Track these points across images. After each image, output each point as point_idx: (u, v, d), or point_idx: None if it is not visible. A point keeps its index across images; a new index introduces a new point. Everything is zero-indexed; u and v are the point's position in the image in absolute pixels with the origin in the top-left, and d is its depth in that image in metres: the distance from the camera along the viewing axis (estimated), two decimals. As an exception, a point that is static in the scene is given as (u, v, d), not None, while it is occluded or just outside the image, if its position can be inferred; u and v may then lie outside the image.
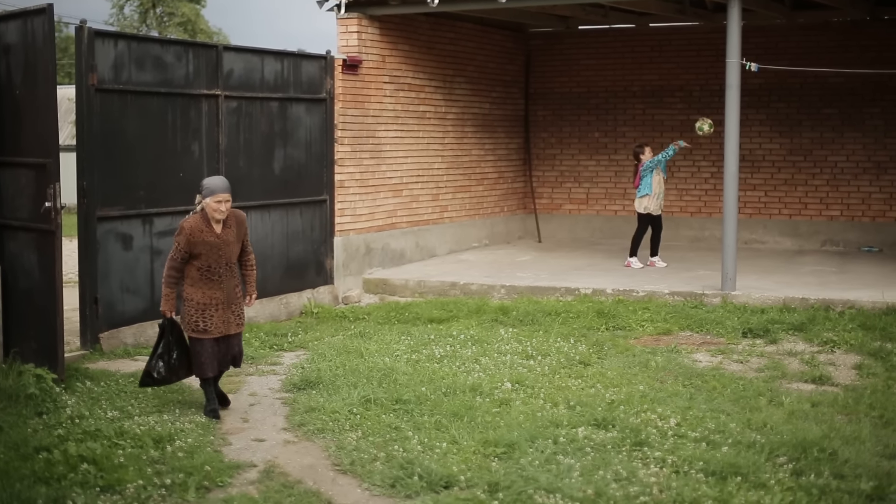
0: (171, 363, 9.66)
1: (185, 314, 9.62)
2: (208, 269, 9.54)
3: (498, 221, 21.71)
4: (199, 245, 9.46)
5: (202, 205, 9.52)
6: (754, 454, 8.33)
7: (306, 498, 7.50)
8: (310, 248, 15.54)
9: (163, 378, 9.72)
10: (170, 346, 9.66)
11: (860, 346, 12.43)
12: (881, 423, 9.35)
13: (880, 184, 20.63)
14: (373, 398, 9.88)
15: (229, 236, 9.62)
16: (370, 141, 17.18)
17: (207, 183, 9.59)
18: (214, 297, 9.58)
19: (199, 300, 9.54)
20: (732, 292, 15.05)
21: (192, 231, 9.45)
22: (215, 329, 9.59)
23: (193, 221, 9.50)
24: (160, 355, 9.65)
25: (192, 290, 9.57)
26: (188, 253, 9.48)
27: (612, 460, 8.24)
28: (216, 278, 9.57)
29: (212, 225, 9.52)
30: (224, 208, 9.49)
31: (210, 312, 9.56)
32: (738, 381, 10.80)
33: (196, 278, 9.55)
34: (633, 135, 22.13)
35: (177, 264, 9.52)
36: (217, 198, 9.46)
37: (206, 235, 9.47)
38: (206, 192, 9.50)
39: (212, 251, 9.51)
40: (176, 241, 9.52)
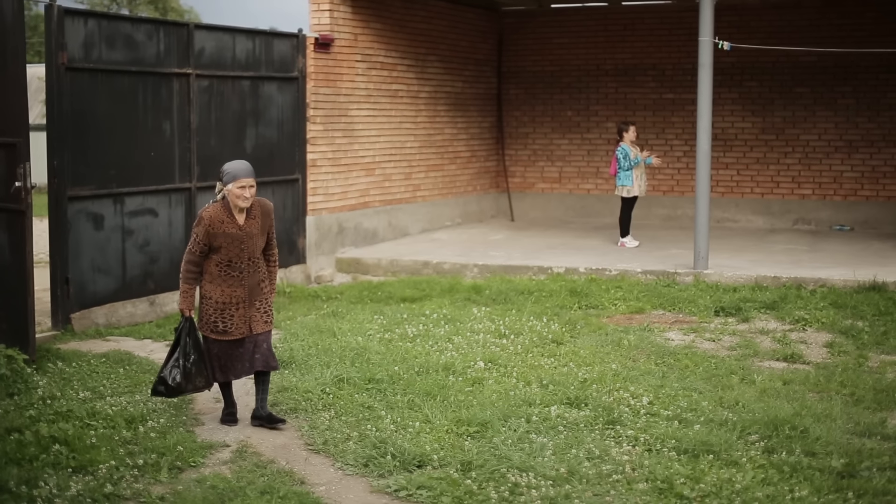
0: (187, 369, 8.56)
1: (203, 313, 8.64)
2: (229, 265, 8.57)
3: (471, 200, 21.70)
4: (220, 237, 8.50)
5: (223, 192, 8.55)
6: (726, 432, 8.35)
7: (279, 478, 7.49)
8: (282, 227, 15.50)
9: (177, 386, 8.57)
10: (187, 351, 8.57)
11: (831, 324, 12.48)
12: (852, 401, 9.40)
13: (852, 162, 20.70)
14: (346, 378, 9.87)
15: (253, 228, 8.63)
16: (342, 120, 17.13)
17: (229, 167, 8.57)
18: (235, 296, 8.60)
19: (219, 298, 8.58)
20: (705, 271, 15.08)
21: (211, 221, 8.47)
22: (236, 330, 8.62)
23: (213, 211, 8.51)
24: (176, 361, 8.57)
25: (211, 287, 8.59)
26: (207, 246, 8.52)
27: (584, 439, 8.26)
28: (237, 274, 8.59)
29: (234, 215, 8.54)
30: (248, 194, 8.49)
31: (230, 312, 8.59)
32: (710, 360, 10.83)
33: (215, 274, 8.58)
34: (606, 113, 22.14)
35: (195, 258, 8.55)
36: (240, 183, 8.46)
37: (227, 226, 8.51)
38: (228, 177, 8.48)
39: (233, 244, 8.54)
40: (194, 232, 8.54)
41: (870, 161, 20.57)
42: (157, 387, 8.65)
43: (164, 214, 13.35)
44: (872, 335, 11.91)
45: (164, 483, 7.42)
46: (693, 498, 7.08)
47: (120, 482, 7.35)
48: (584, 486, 7.31)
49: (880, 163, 20.50)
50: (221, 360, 8.71)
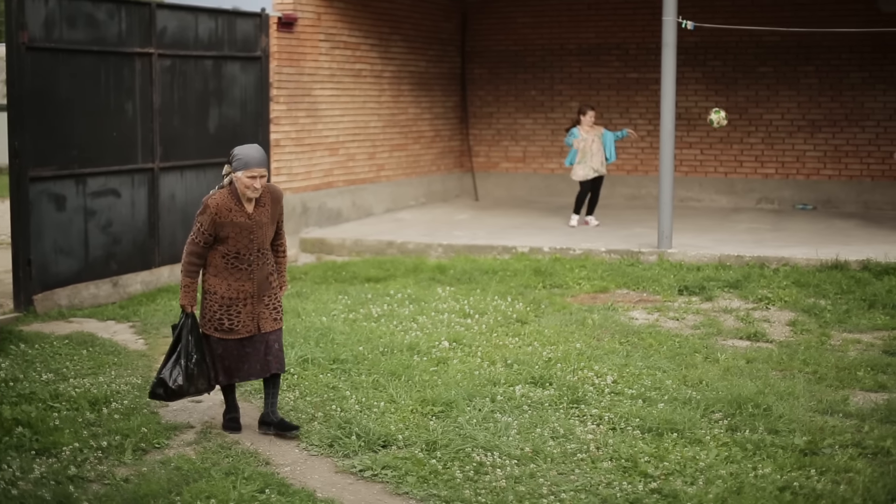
0: (189, 371, 7.92)
1: (207, 309, 7.97)
2: (236, 257, 7.89)
3: (435, 180, 21.68)
4: (227, 227, 7.82)
5: (231, 177, 7.89)
6: (690, 410, 8.39)
7: (244, 458, 7.48)
8: (246, 207, 15.44)
9: (179, 389, 7.92)
10: (189, 350, 7.94)
11: (794, 302, 12.55)
12: (815, 379, 9.45)
13: (815, 142, 20.79)
14: (310, 358, 9.86)
15: (263, 217, 7.95)
16: (306, 99, 17.08)
17: (240, 152, 7.84)
18: (242, 290, 7.93)
19: (224, 293, 7.90)
20: (668, 250, 15.13)
21: (218, 209, 7.78)
22: (243, 328, 7.95)
23: (220, 198, 7.82)
24: (176, 361, 7.94)
25: (216, 281, 7.91)
26: (212, 236, 7.83)
27: (549, 418, 8.28)
28: (245, 267, 7.91)
29: (242, 202, 7.86)
30: (259, 185, 7.78)
31: (237, 308, 7.92)
32: (674, 339, 10.87)
33: (221, 267, 7.89)
34: (570, 93, 22.15)
35: (199, 249, 7.87)
36: (251, 172, 7.76)
37: (235, 215, 7.82)
38: (239, 163, 7.78)
39: (241, 234, 7.86)
40: (198, 221, 7.84)
41: (832, 140, 20.66)
42: (156, 389, 7.97)
43: (126, 195, 13.28)
44: (835, 313, 11.97)
45: (129, 465, 7.39)
46: (657, 476, 7.11)
47: (84, 464, 7.32)
48: (549, 464, 7.33)
49: (843, 142, 20.60)
50: (226, 361, 8.02)
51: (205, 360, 8.00)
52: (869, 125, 20.40)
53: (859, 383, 9.35)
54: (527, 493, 6.82)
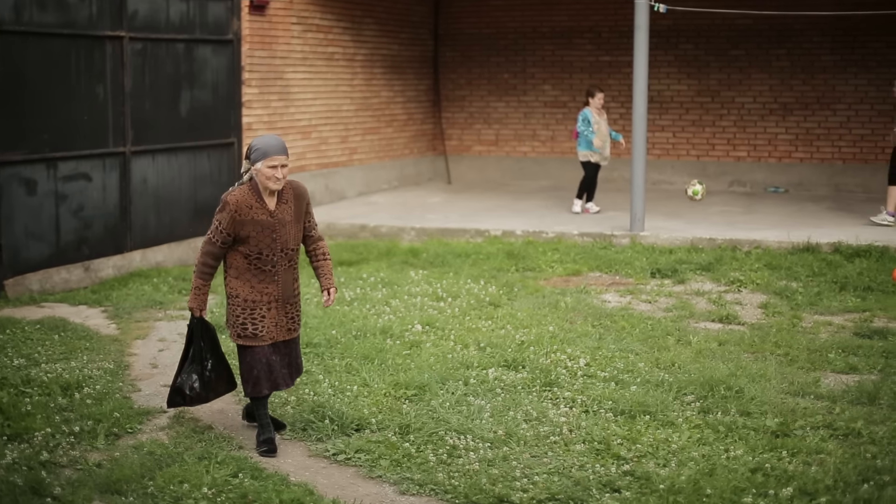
0: (205, 376, 7.60)
1: (230, 314, 7.47)
2: (259, 257, 7.37)
3: (407, 163, 21.67)
4: (248, 225, 7.30)
5: (251, 172, 7.40)
6: (662, 393, 8.42)
7: (217, 443, 7.47)
8: (218, 191, 15.38)
9: (197, 396, 7.60)
10: (202, 355, 7.58)
11: (766, 285, 12.60)
12: (786, 361, 9.49)
13: (786, 125, 20.85)
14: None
15: (285, 214, 7.44)
16: (278, 83, 17.03)
17: (258, 143, 7.37)
18: (267, 293, 7.42)
19: (247, 296, 7.38)
20: (641, 233, 15.16)
21: (238, 207, 7.28)
22: (267, 334, 7.42)
23: (240, 194, 7.33)
24: (191, 366, 7.57)
25: (238, 283, 7.41)
26: (231, 235, 7.32)
27: (522, 401, 8.29)
28: (269, 269, 7.40)
29: (263, 199, 7.36)
30: (281, 174, 7.30)
31: (261, 312, 7.40)
32: (646, 321, 10.89)
33: (243, 268, 7.40)
34: (543, 76, 22.15)
35: (216, 250, 7.37)
36: (272, 161, 7.28)
37: (256, 212, 7.33)
38: (257, 154, 7.31)
39: (263, 233, 7.35)
40: (216, 219, 7.35)
41: (804, 123, 20.73)
42: (174, 398, 7.60)
43: (98, 179, 13.22)
44: (806, 296, 12.03)
45: (101, 450, 7.37)
46: (630, 458, 7.13)
47: (56, 449, 7.30)
48: (522, 447, 7.35)
49: (814, 125, 20.67)
50: (255, 371, 7.43)
51: (221, 364, 7.65)
52: (840, 108, 20.47)
53: (830, 365, 9.40)
54: (500, 475, 6.83)
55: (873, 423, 7.84)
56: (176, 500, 6.42)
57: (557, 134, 22.12)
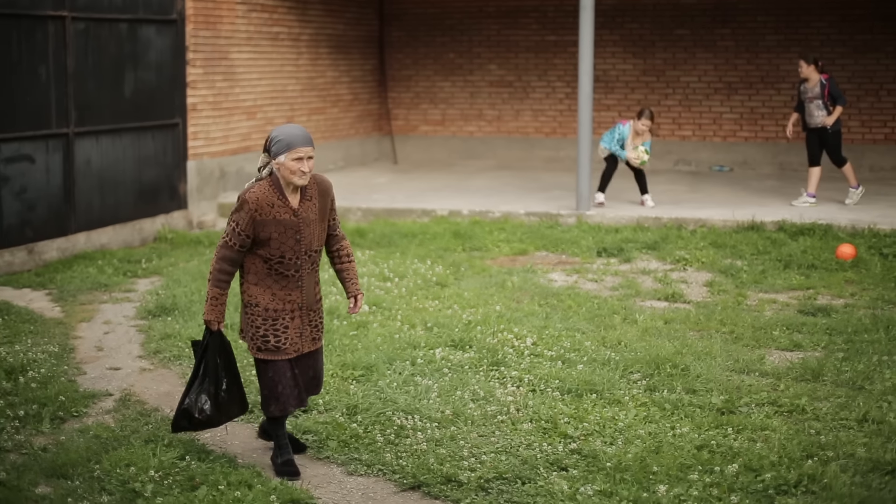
0: (219, 397, 6.82)
1: (249, 325, 6.75)
2: (281, 261, 6.66)
3: (353, 143, 21.61)
4: (269, 226, 6.59)
5: (270, 166, 6.69)
6: (609, 371, 8.46)
7: (164, 426, 7.43)
8: (162, 172, 15.31)
9: (207, 419, 6.81)
10: (217, 374, 6.81)
11: (711, 263, 12.68)
12: (731, 339, 9.56)
13: (731, 104, 20.95)
14: (228, 323, 9.78)
15: (310, 212, 6.72)
16: (223, 63, 16.92)
17: (280, 133, 6.61)
18: (290, 301, 6.73)
19: (268, 305, 6.70)
20: (587, 212, 15.21)
21: (259, 205, 6.55)
22: (290, 346, 6.74)
23: (260, 192, 6.58)
24: (202, 387, 6.80)
25: (258, 290, 6.71)
26: (250, 237, 6.60)
27: (469, 380, 8.31)
28: (293, 274, 6.70)
29: (286, 195, 6.64)
30: (307, 168, 6.57)
31: (283, 322, 6.71)
32: (592, 300, 10.94)
33: (263, 274, 6.69)
34: (489, 55, 22.12)
35: (233, 254, 6.64)
36: (297, 153, 6.54)
37: (278, 211, 6.60)
38: (279, 145, 6.56)
39: (286, 234, 6.63)
40: (232, 220, 6.61)
41: (748, 103, 20.84)
42: (179, 421, 6.82)
43: (41, 161, 13.09)
44: (751, 274, 12.11)
45: (47, 434, 7.33)
46: (577, 437, 7.17)
47: (0, 434, 7.24)
48: (470, 427, 7.37)
49: (759, 104, 20.78)
50: (277, 387, 6.75)
51: (236, 385, 6.90)
52: (784, 87, 20.59)
53: (775, 343, 9.48)
54: (447, 455, 6.85)
55: (817, 400, 7.92)
56: (123, 484, 6.39)
57: (504, 113, 22.12)
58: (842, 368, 8.59)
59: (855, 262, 12.48)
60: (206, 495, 6.17)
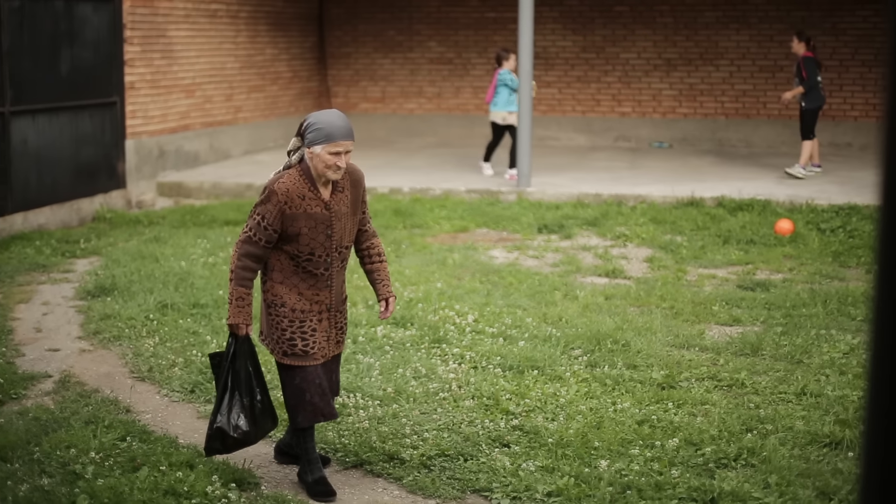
0: (255, 411, 6.11)
1: (274, 327, 6.11)
2: (310, 259, 6.06)
3: (293, 121, 21.51)
4: (299, 220, 5.98)
5: (301, 153, 6.07)
6: (550, 348, 8.49)
7: (104, 407, 7.38)
8: (100, 151, 15.18)
9: (244, 437, 6.08)
10: (250, 384, 6.11)
11: (651, 239, 12.75)
12: (671, 314, 9.63)
13: (670, 80, 21.05)
14: (169, 303, 9.75)
15: (342, 205, 6.13)
16: (161, 41, 16.79)
17: (319, 122, 5.97)
18: (318, 302, 6.14)
19: (296, 306, 6.08)
20: (527, 189, 15.24)
21: (289, 197, 5.96)
22: (318, 350, 6.13)
23: (290, 182, 5.98)
24: (233, 401, 6.07)
25: (284, 290, 6.09)
26: (278, 232, 6.00)
27: (411, 358, 8.31)
28: (323, 272, 6.11)
29: (318, 187, 6.04)
30: (344, 163, 5.96)
31: (311, 325, 6.10)
32: (533, 277, 10.97)
33: (289, 272, 6.09)
34: (429, 32, 22.10)
35: (258, 250, 6.00)
36: (335, 146, 5.91)
37: (309, 204, 6.00)
38: (317, 135, 5.93)
39: (317, 229, 6.04)
40: (257, 213, 6.00)
41: (687, 79, 20.95)
42: (212, 444, 6.11)
43: (-24, 140, 12.95)
44: (690, 249, 12.19)
45: (-16, 416, 7.26)
46: (519, 413, 7.19)
47: (-63, 416, 7.17)
48: (412, 404, 7.37)
49: (697, 80, 20.90)
50: (305, 395, 6.09)
51: (267, 394, 6.24)
52: (723, 64, 20.71)
53: (714, 318, 9.55)
54: (390, 433, 6.85)
55: (756, 374, 7.99)
56: (63, 466, 6.34)
57: (444, 91, 22.11)
58: (780, 343, 8.67)
59: (793, 238, 12.59)
60: (147, 476, 6.13)
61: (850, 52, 19.94)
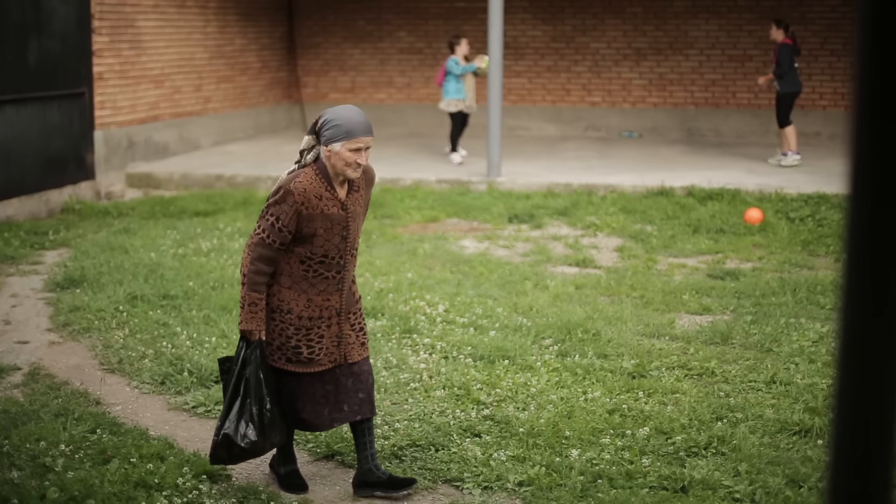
0: (263, 420, 5.80)
1: (277, 334, 5.86)
2: (323, 261, 5.79)
3: (263, 112, 21.46)
4: (316, 221, 5.71)
5: (316, 151, 5.81)
6: (521, 337, 8.50)
7: (74, 399, 7.35)
8: (69, 142, 15.10)
9: (251, 447, 5.80)
10: (260, 392, 5.78)
11: (621, 229, 12.77)
12: (641, 303, 9.65)
13: (640, 70, 21.08)
14: (139, 295, 9.72)
15: (357, 205, 5.88)
16: (129, 31, 16.71)
17: (337, 118, 5.70)
18: (328, 307, 5.86)
19: (303, 312, 5.81)
20: (498, 179, 15.24)
21: (306, 198, 5.67)
22: (325, 357, 5.87)
23: (307, 181, 5.70)
24: (243, 409, 5.80)
25: (292, 295, 5.82)
26: (292, 234, 5.71)
27: (382, 348, 8.31)
28: (334, 275, 5.84)
29: (334, 186, 5.77)
30: (364, 160, 5.71)
31: (318, 331, 5.84)
32: (504, 267, 10.98)
33: (298, 276, 5.80)
34: (398, 22, 22.06)
35: (271, 253, 5.71)
36: (356, 143, 5.66)
37: (326, 205, 5.73)
38: (336, 131, 5.66)
39: (333, 231, 5.78)
40: (270, 213, 5.71)
41: (657, 69, 20.98)
42: (218, 452, 5.85)
43: (-57, 131, 12.87)
44: (661, 239, 12.22)
45: (-47, 408, 7.22)
46: (490, 403, 7.20)
47: None
48: (383, 395, 7.37)
49: (667, 70, 20.93)
50: (298, 404, 5.94)
51: (278, 403, 5.89)
52: (692, 53, 20.76)
53: (684, 306, 9.58)
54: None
55: (726, 363, 8.03)
56: (33, 458, 6.31)
57: (414, 80, 22.08)
58: (750, 331, 8.70)
59: (762, 227, 12.64)
60: (117, 468, 6.11)
61: (818, 41, 20.00)
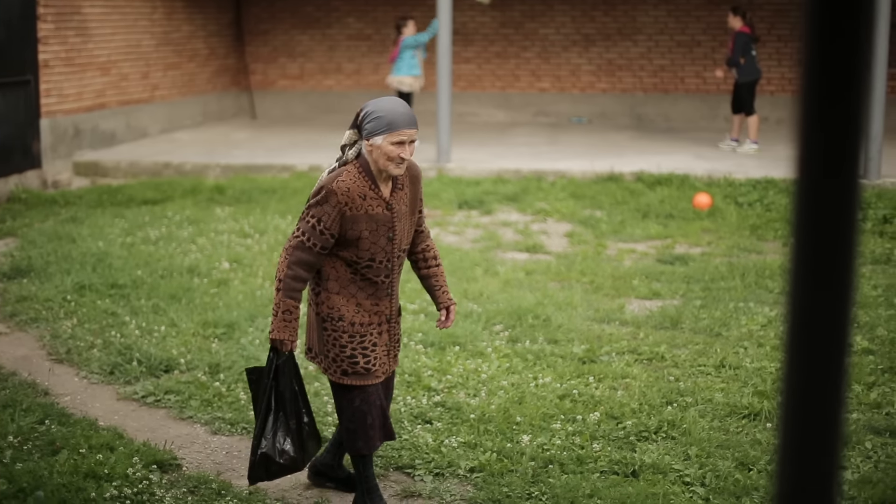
0: (302, 434, 5.58)
1: (331, 345, 5.46)
2: (370, 265, 5.42)
3: (211, 99, 21.34)
4: (360, 222, 5.34)
5: (359, 146, 5.46)
6: (471, 324, 8.51)
7: (22, 390, 7.29)
8: (15, 131, 14.95)
9: (290, 462, 5.55)
10: (297, 404, 5.56)
11: (571, 214, 12.80)
12: (591, 289, 9.68)
13: (589, 56, 21.12)
14: (87, 284, 9.65)
15: (402, 204, 5.50)
16: (75, 18, 16.56)
17: (379, 110, 5.35)
18: (377, 313, 5.51)
19: (354, 319, 5.44)
20: (447, 165, 15.24)
21: (350, 198, 5.32)
22: (380, 367, 5.52)
23: (350, 180, 5.35)
24: (279, 424, 5.53)
25: (341, 301, 5.45)
26: (335, 237, 5.34)
27: (333, 336, 8.28)
28: (382, 280, 5.48)
29: (378, 184, 5.40)
30: (409, 154, 5.33)
31: (371, 339, 5.47)
32: (454, 253, 10.97)
33: (346, 280, 5.44)
34: (347, 9, 21.99)
35: (311, 257, 5.35)
36: (398, 136, 5.28)
37: (370, 204, 5.36)
38: (377, 123, 5.31)
39: (379, 232, 5.40)
40: (311, 215, 5.34)
41: (606, 55, 21.03)
42: (257, 471, 5.56)
43: None
44: (610, 224, 12.26)
45: None
46: (440, 389, 7.20)
47: None
48: (334, 383, 7.35)
49: (616, 56, 20.99)
50: (370, 418, 5.49)
51: (311, 414, 5.66)
52: (641, 39, 20.82)
53: (634, 292, 9.61)
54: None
55: (676, 347, 8.07)
56: (-21, 450, 6.26)
57: (363, 67, 22.03)
58: (699, 316, 8.75)
59: (711, 212, 12.70)
60: (67, 459, 6.07)
61: (766, 26, 20.10)
